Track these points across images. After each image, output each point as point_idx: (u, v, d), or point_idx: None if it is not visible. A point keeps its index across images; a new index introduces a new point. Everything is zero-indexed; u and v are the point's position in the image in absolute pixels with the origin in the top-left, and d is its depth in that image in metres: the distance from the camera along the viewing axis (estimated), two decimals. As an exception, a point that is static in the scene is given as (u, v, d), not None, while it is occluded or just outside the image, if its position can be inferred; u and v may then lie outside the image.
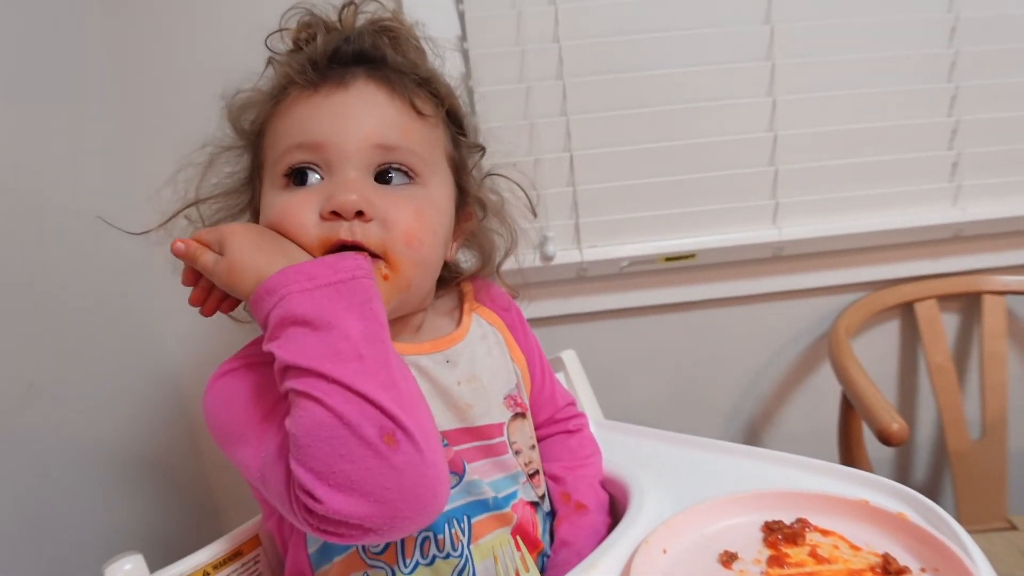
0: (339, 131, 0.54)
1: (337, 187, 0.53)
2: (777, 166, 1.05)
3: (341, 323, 0.45)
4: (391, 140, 0.55)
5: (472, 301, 0.67)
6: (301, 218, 0.53)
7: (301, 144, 0.54)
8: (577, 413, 0.74)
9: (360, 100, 0.55)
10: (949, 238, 1.10)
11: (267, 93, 0.59)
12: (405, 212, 0.54)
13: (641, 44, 1.01)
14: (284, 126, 0.56)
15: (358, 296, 0.47)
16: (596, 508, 0.65)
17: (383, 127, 0.55)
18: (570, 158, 1.03)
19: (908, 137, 1.06)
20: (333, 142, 0.54)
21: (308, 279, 0.47)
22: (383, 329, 0.47)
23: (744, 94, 1.03)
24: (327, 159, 0.54)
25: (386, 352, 0.47)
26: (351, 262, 0.49)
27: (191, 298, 0.55)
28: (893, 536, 0.51)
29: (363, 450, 0.43)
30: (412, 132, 0.56)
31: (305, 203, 0.53)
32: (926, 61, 1.04)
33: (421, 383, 0.57)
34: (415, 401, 0.47)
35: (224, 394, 0.52)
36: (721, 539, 0.53)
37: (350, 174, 0.53)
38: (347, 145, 0.54)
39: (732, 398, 1.19)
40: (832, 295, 1.14)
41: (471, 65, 0.99)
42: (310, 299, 0.46)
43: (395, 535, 0.45)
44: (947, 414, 1.11)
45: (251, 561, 0.60)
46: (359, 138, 0.54)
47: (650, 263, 1.08)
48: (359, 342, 0.45)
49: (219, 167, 0.62)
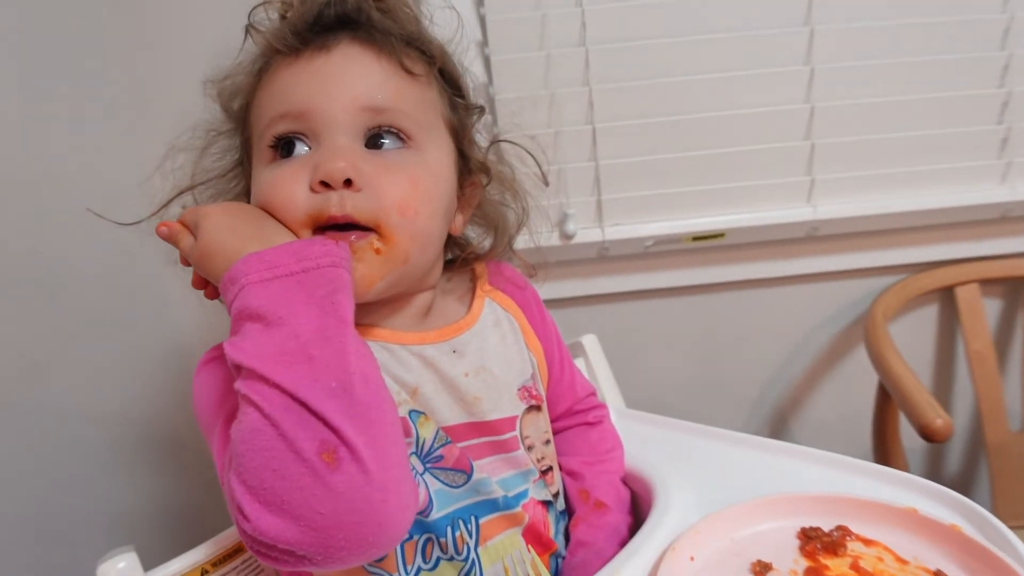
0: (323, 95, 0.50)
1: (324, 155, 0.49)
2: (813, 140, 1.00)
3: (294, 319, 0.41)
4: (380, 101, 0.51)
5: (485, 284, 0.64)
6: (289, 192, 0.49)
7: (284, 114, 0.51)
8: (598, 404, 0.71)
9: (344, 62, 0.52)
10: (996, 218, 1.06)
11: (250, 68, 0.56)
12: (398, 179, 0.50)
13: (668, 8, 0.96)
14: (267, 97, 0.53)
15: (321, 288, 0.43)
16: (617, 507, 0.62)
17: (370, 88, 0.51)
18: (592, 131, 0.99)
19: (954, 110, 1.00)
20: (317, 108, 0.50)
21: (268, 268, 0.43)
22: (344, 325, 0.43)
23: (779, 63, 0.98)
24: (312, 127, 0.51)
25: (343, 352, 0.42)
26: (318, 248, 0.45)
27: (192, 281, 0.53)
28: (945, 550, 0.47)
29: (297, 466, 0.38)
30: (402, 92, 0.53)
31: (293, 176, 0.50)
32: (976, 27, 0.98)
33: (427, 374, 0.54)
34: (373, 410, 0.41)
35: (202, 386, 0.50)
36: (753, 546, 0.50)
37: (338, 140, 0.50)
38: (332, 110, 0.50)
39: (760, 384, 1.17)
40: (868, 278, 1.10)
41: (487, 31, 0.95)
42: (266, 290, 0.42)
43: (332, 566, 0.40)
44: (986, 404, 1.07)
45: (251, 558, 0.58)
46: (345, 101, 0.50)
47: (676, 242, 1.04)
48: (311, 341, 0.41)
49: (211, 150, 0.59)
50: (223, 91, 0.58)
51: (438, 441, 0.53)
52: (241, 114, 0.57)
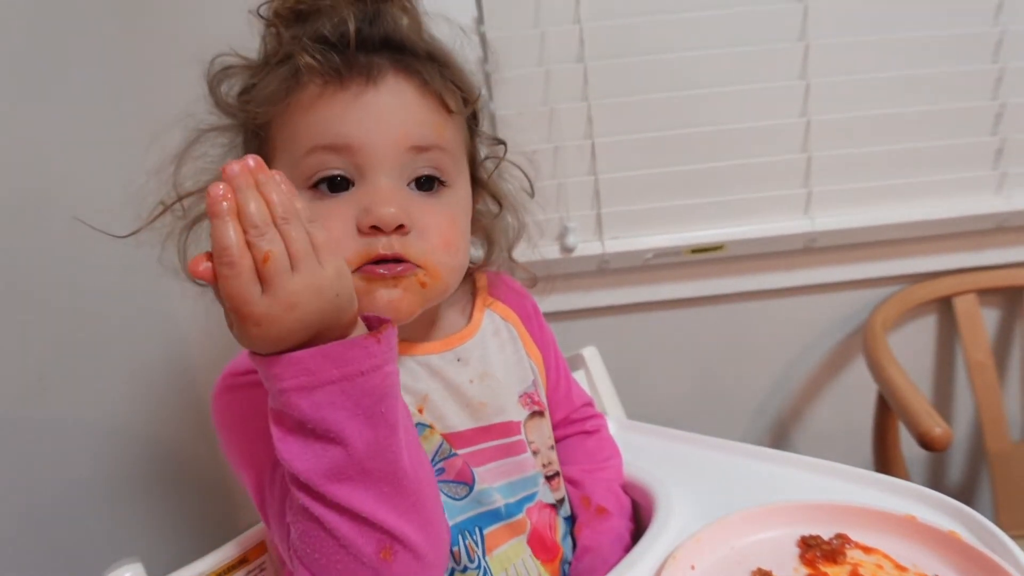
0: (371, 134, 0.50)
1: (374, 199, 0.49)
2: (810, 153, 1.01)
3: (344, 436, 0.40)
4: (425, 140, 0.51)
5: (485, 295, 0.65)
6: (337, 232, 0.49)
7: (329, 146, 0.50)
8: (595, 413, 0.72)
9: (393, 99, 0.51)
10: (992, 229, 1.06)
11: (273, 74, 0.52)
12: (441, 220, 0.52)
13: (666, 25, 0.97)
14: (305, 122, 0.51)
15: (367, 397, 0.40)
16: (618, 512, 0.62)
17: (417, 127, 0.51)
18: (592, 145, 0.99)
19: (949, 122, 1.01)
20: (365, 146, 0.49)
21: (307, 374, 0.39)
22: (393, 433, 0.42)
23: (776, 77, 0.99)
24: (359, 164, 0.50)
25: (395, 460, 0.42)
26: (359, 351, 0.40)
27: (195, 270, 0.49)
28: (943, 556, 0.48)
29: (359, 566, 0.41)
30: (443, 131, 0.53)
31: (339, 215, 0.49)
32: (969, 40, 0.99)
33: (433, 382, 0.56)
34: (421, 493, 0.43)
35: (225, 414, 0.50)
36: (753, 554, 0.50)
37: (385, 183, 0.50)
38: (380, 150, 0.50)
39: (760, 395, 1.17)
40: (867, 288, 1.10)
41: (487, 48, 0.96)
42: (310, 400, 0.39)
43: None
44: (986, 414, 1.07)
45: (256, 568, 0.58)
46: (393, 141, 0.50)
47: (676, 255, 1.04)
48: (364, 456, 0.40)
49: (201, 148, 0.56)
50: (220, 86, 0.55)
51: (440, 454, 0.54)
52: (256, 123, 0.54)
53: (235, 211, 0.36)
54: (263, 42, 0.55)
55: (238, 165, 0.37)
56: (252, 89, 0.54)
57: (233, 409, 0.50)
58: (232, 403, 0.50)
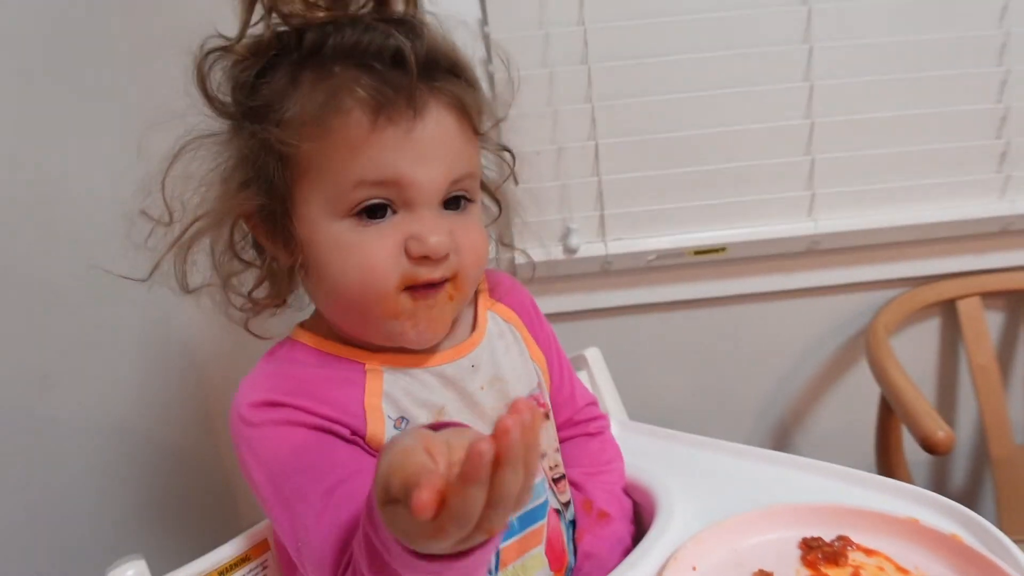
0: (420, 170, 0.50)
1: (423, 228, 0.50)
2: (814, 155, 1.01)
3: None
4: (464, 171, 0.53)
5: (487, 298, 0.64)
6: (383, 260, 0.50)
7: (378, 181, 0.49)
8: (598, 414, 0.71)
9: (437, 131, 0.50)
10: (996, 232, 1.06)
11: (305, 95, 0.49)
12: (475, 237, 0.54)
13: (670, 26, 0.97)
14: (353, 155, 0.49)
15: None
16: (619, 516, 0.62)
17: (457, 160, 0.52)
18: (595, 147, 1.00)
19: (953, 125, 1.01)
20: (414, 181, 0.49)
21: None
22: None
23: (780, 79, 0.99)
24: (405, 197, 0.50)
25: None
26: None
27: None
28: (945, 559, 0.47)
29: None
30: (475, 156, 0.55)
31: (384, 242, 0.50)
32: (974, 43, 0.99)
33: (448, 392, 0.56)
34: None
35: (257, 453, 0.50)
36: (755, 556, 0.50)
37: (430, 213, 0.51)
38: (428, 185, 0.50)
39: (763, 397, 1.17)
40: (869, 291, 1.10)
41: (491, 49, 0.96)
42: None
43: None
44: (989, 417, 1.07)
45: (258, 566, 0.58)
46: (440, 177, 0.51)
47: (678, 257, 1.04)
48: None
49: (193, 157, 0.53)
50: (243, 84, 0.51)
51: None
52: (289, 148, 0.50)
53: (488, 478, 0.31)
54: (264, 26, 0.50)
55: (519, 432, 0.30)
56: (276, 105, 0.49)
57: (255, 448, 0.50)
58: (255, 441, 0.50)
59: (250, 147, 0.51)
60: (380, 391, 0.53)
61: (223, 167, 0.52)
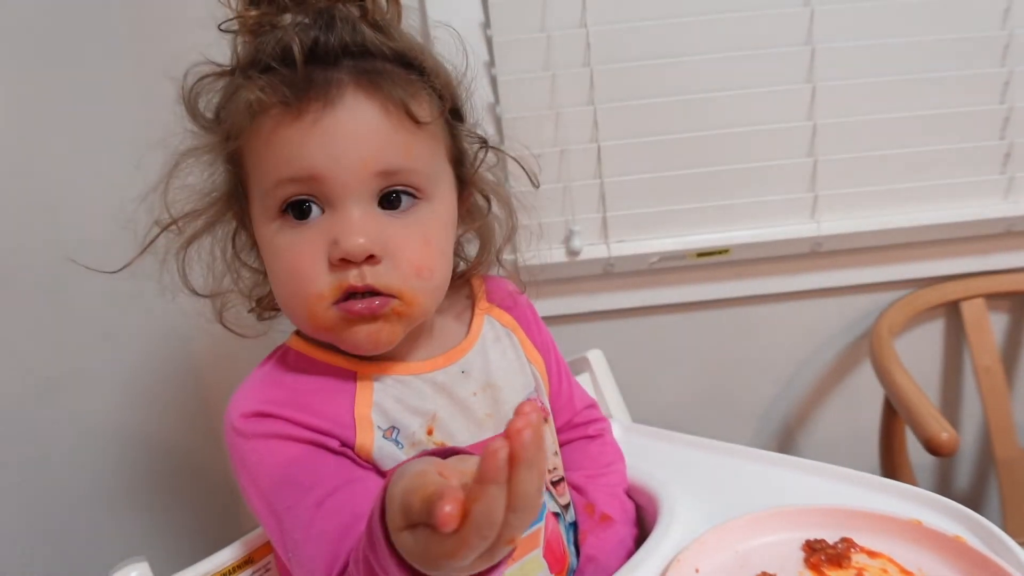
0: (334, 161, 0.47)
1: (343, 230, 0.48)
2: (816, 157, 1.01)
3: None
4: (392, 164, 0.49)
5: (483, 301, 0.63)
6: (310, 265, 0.48)
7: (293, 178, 0.48)
8: (598, 417, 0.71)
9: (353, 122, 0.48)
10: (1000, 233, 1.05)
11: (235, 100, 0.50)
12: (413, 242, 0.50)
13: (671, 28, 0.97)
14: (269, 154, 0.49)
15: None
16: (621, 519, 0.62)
17: (382, 150, 0.48)
18: (597, 149, 1.00)
19: (956, 126, 1.00)
20: (329, 175, 0.48)
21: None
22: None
23: (782, 81, 0.99)
24: (324, 192, 0.48)
25: None
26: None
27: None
28: (949, 561, 0.47)
29: None
30: (412, 148, 0.50)
31: (311, 247, 0.49)
32: (977, 44, 0.99)
33: (440, 399, 0.55)
34: None
35: (248, 466, 0.51)
36: (758, 558, 0.50)
37: (353, 212, 0.48)
38: (344, 178, 0.48)
39: (766, 400, 1.16)
40: (873, 293, 1.10)
41: (494, 52, 0.96)
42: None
43: None
44: (994, 419, 1.06)
45: (261, 569, 0.58)
46: (357, 167, 0.48)
47: (681, 259, 1.04)
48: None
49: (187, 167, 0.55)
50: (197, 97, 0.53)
51: None
52: (229, 149, 0.52)
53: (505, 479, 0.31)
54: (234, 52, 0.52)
55: (530, 432, 0.30)
56: (223, 117, 0.51)
57: (247, 461, 0.51)
58: (247, 454, 0.51)
59: (223, 158, 0.54)
60: (370, 401, 0.53)
61: (214, 175, 0.55)
